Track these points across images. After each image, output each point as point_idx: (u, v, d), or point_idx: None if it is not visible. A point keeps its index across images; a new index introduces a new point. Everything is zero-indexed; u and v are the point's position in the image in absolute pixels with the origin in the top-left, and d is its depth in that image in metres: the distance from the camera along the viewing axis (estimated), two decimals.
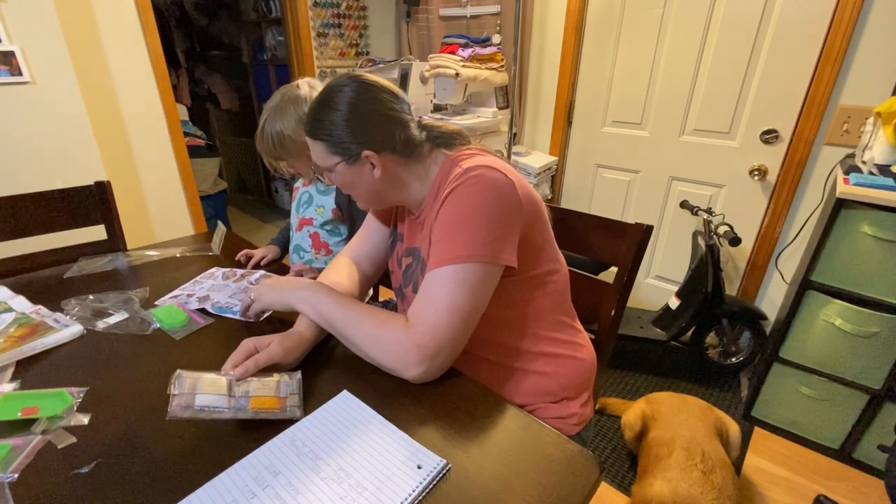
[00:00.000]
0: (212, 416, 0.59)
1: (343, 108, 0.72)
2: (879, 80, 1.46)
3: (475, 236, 0.66)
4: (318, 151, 0.76)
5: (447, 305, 0.65)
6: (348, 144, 0.73)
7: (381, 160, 0.74)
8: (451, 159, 0.77)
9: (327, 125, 0.73)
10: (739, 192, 1.86)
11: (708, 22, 1.76)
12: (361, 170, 0.75)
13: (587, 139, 2.23)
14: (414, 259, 0.83)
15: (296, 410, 0.62)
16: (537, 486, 0.52)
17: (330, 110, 0.73)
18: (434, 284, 0.67)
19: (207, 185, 2.98)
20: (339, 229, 1.21)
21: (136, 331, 0.82)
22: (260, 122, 1.07)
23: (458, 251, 0.66)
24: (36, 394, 0.66)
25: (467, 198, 0.68)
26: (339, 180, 0.78)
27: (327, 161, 0.76)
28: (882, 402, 1.37)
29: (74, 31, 1.70)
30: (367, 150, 0.73)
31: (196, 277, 1.04)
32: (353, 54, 2.76)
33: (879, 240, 1.26)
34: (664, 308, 1.92)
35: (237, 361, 0.65)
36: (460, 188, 0.68)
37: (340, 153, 0.74)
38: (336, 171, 0.76)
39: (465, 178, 0.68)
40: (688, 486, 1.12)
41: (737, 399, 1.78)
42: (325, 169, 0.78)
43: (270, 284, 0.81)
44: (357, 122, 0.72)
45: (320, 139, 0.74)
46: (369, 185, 0.78)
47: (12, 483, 0.52)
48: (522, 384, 0.80)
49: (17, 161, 1.52)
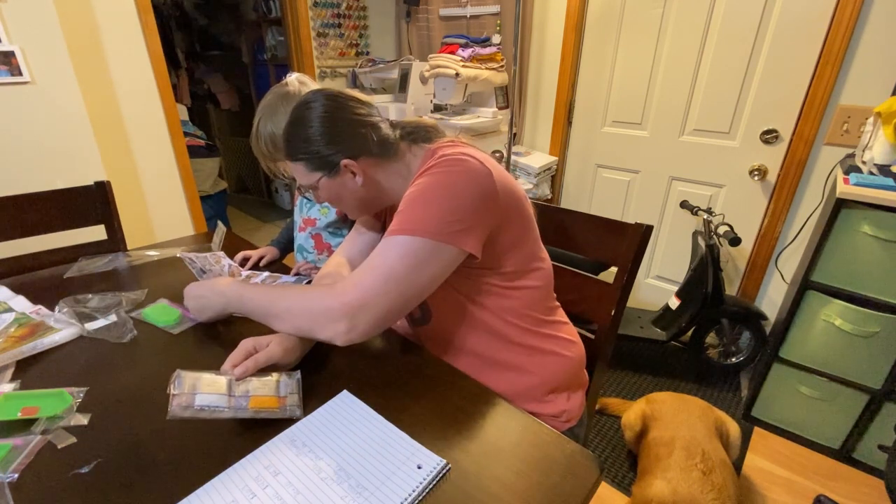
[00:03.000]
0: (212, 415, 0.59)
1: (315, 123, 0.74)
2: (879, 80, 1.46)
3: (436, 213, 0.66)
4: (299, 172, 0.78)
5: (384, 272, 0.65)
6: (326, 158, 0.74)
7: (360, 166, 0.75)
8: (432, 150, 0.77)
9: (302, 144, 0.75)
10: (739, 192, 1.85)
11: (708, 22, 1.76)
12: (343, 180, 0.77)
13: (587, 139, 2.23)
14: None
15: (295, 410, 0.62)
16: (537, 486, 0.52)
17: (302, 128, 0.74)
18: (378, 251, 0.67)
19: (207, 185, 2.98)
20: (342, 230, 1.21)
21: (114, 338, 0.80)
22: (254, 124, 1.06)
23: (415, 225, 0.65)
24: (36, 394, 0.66)
25: (438, 177, 0.68)
26: (325, 195, 0.80)
27: (309, 179, 0.77)
28: (882, 402, 1.37)
29: (74, 31, 1.70)
30: (345, 158, 0.74)
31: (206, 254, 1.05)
32: (353, 54, 2.76)
33: (879, 240, 1.26)
34: (664, 308, 1.92)
35: (236, 361, 0.65)
36: (434, 167, 0.69)
37: (320, 168, 0.76)
38: (320, 186, 0.78)
39: (441, 160, 0.69)
40: (688, 486, 1.12)
41: (737, 399, 1.78)
42: (310, 187, 0.79)
43: (194, 294, 0.82)
44: (330, 134, 0.74)
45: (298, 159, 0.76)
46: (354, 194, 0.79)
47: (12, 483, 0.52)
48: (501, 379, 0.79)
49: (17, 161, 1.51)
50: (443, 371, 0.73)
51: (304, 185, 0.80)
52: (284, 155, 0.78)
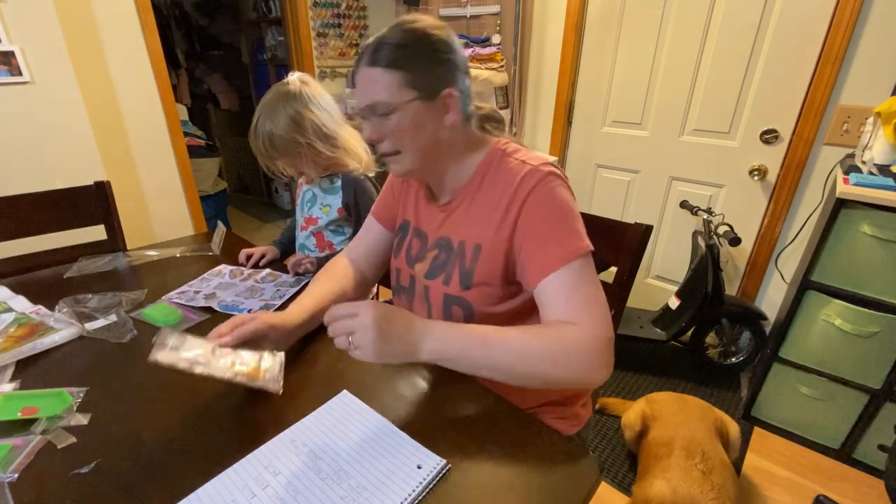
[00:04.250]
0: (191, 367, 0.59)
1: (441, 45, 0.68)
2: (879, 80, 1.46)
3: (577, 228, 0.68)
4: (384, 85, 0.66)
5: (594, 294, 0.65)
6: (434, 78, 0.67)
7: (458, 105, 0.69)
8: (499, 150, 0.74)
9: (414, 56, 0.66)
10: (739, 192, 1.85)
11: (708, 22, 1.76)
12: (434, 112, 0.69)
13: (587, 139, 2.23)
14: (443, 250, 0.78)
15: (272, 383, 0.63)
16: (537, 486, 0.52)
17: (421, 43, 0.67)
18: (574, 282, 0.65)
19: (207, 185, 2.98)
20: (344, 228, 1.21)
21: (114, 338, 0.80)
22: (253, 121, 1.06)
23: (577, 245, 0.66)
24: (36, 394, 0.66)
25: (551, 193, 0.68)
26: (397, 123, 0.68)
27: (397, 96, 0.67)
28: (882, 402, 1.37)
29: (74, 31, 1.70)
30: (450, 88, 0.68)
31: (204, 274, 1.05)
32: (353, 54, 2.76)
33: (879, 240, 1.26)
34: (664, 308, 1.92)
35: (222, 332, 0.65)
36: (544, 187, 0.68)
37: (419, 87, 0.67)
38: (402, 110, 0.67)
39: (542, 174, 0.69)
40: (688, 486, 1.12)
41: (737, 399, 1.78)
42: (383, 107, 0.68)
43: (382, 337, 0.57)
44: (451, 61, 0.68)
45: (402, 69, 0.66)
46: (431, 134, 0.70)
47: (12, 483, 0.52)
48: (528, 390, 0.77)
49: (17, 161, 1.51)
50: (443, 371, 0.72)
51: (377, 102, 0.68)
52: (374, 62, 0.67)
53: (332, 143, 1.09)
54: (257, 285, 0.99)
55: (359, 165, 1.15)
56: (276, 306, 0.89)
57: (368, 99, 0.68)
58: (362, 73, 0.69)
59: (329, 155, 1.09)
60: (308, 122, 1.04)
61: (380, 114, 0.68)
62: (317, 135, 1.05)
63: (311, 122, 1.04)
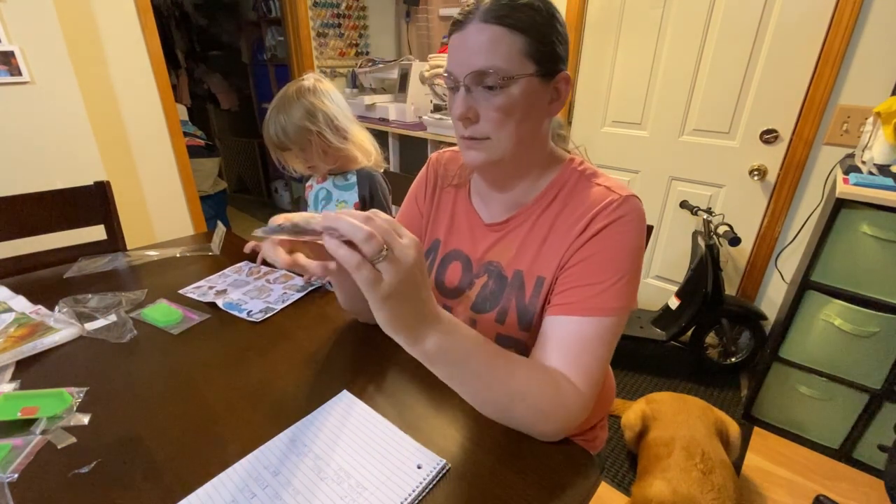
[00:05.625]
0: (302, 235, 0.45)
1: (558, 15, 0.58)
2: (879, 80, 1.46)
3: (632, 285, 0.60)
4: (508, 47, 0.54)
5: (604, 357, 0.59)
6: (556, 57, 0.58)
7: (568, 94, 0.60)
8: (575, 171, 0.66)
9: (543, 27, 0.56)
10: (739, 192, 1.85)
11: (708, 22, 1.76)
12: (545, 93, 0.59)
13: (587, 139, 2.23)
14: (492, 277, 0.69)
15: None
16: (537, 486, 0.52)
17: (548, 7, 0.57)
18: (596, 337, 0.59)
19: (207, 185, 2.98)
20: None
21: (114, 338, 0.80)
22: (268, 112, 1.09)
23: (620, 301, 0.59)
24: (36, 394, 0.66)
25: (628, 237, 0.60)
26: (507, 100, 0.56)
27: (513, 65, 0.55)
28: (882, 402, 1.37)
29: (74, 32, 1.70)
30: (566, 71, 0.60)
31: (225, 270, 1.08)
32: (353, 54, 2.76)
33: (879, 240, 1.26)
34: (664, 308, 1.92)
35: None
36: (626, 225, 0.60)
37: (540, 61, 0.56)
38: (511, 83, 0.56)
39: (628, 209, 0.60)
40: (688, 486, 1.12)
41: (737, 399, 1.78)
42: (498, 76, 0.55)
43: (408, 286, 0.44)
44: (566, 37, 0.59)
45: (527, 34, 0.55)
46: (536, 123, 0.61)
47: (12, 483, 0.52)
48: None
49: (17, 161, 1.51)
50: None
51: (492, 68, 0.55)
52: (508, 22, 0.54)
53: (343, 136, 1.11)
54: (267, 285, 1.01)
55: (368, 161, 1.17)
56: (276, 310, 0.89)
57: (479, 63, 0.55)
58: (474, 31, 0.55)
59: (339, 146, 1.11)
60: (320, 113, 1.07)
61: (488, 85, 0.56)
62: (328, 125, 1.08)
63: (323, 113, 1.07)
